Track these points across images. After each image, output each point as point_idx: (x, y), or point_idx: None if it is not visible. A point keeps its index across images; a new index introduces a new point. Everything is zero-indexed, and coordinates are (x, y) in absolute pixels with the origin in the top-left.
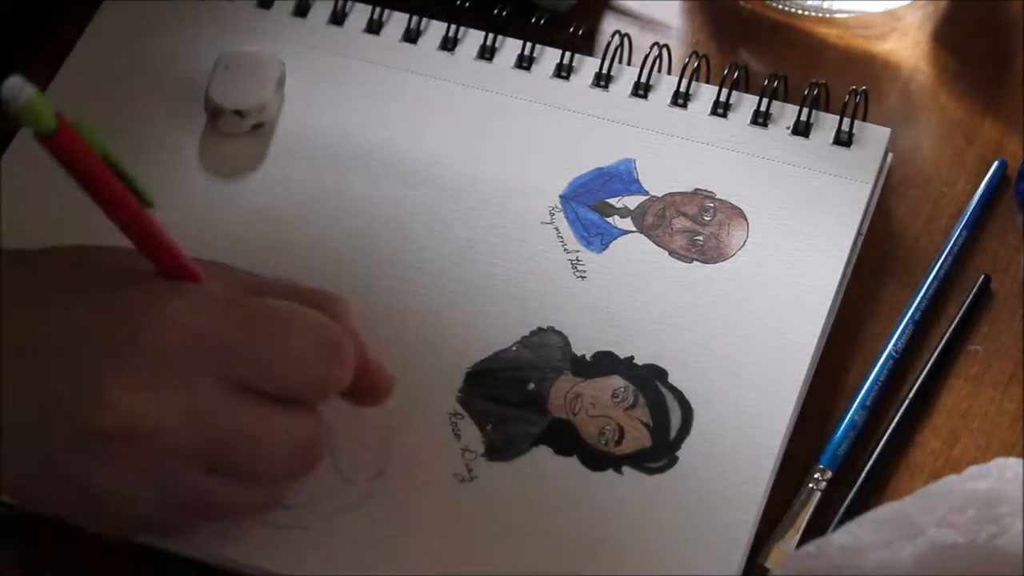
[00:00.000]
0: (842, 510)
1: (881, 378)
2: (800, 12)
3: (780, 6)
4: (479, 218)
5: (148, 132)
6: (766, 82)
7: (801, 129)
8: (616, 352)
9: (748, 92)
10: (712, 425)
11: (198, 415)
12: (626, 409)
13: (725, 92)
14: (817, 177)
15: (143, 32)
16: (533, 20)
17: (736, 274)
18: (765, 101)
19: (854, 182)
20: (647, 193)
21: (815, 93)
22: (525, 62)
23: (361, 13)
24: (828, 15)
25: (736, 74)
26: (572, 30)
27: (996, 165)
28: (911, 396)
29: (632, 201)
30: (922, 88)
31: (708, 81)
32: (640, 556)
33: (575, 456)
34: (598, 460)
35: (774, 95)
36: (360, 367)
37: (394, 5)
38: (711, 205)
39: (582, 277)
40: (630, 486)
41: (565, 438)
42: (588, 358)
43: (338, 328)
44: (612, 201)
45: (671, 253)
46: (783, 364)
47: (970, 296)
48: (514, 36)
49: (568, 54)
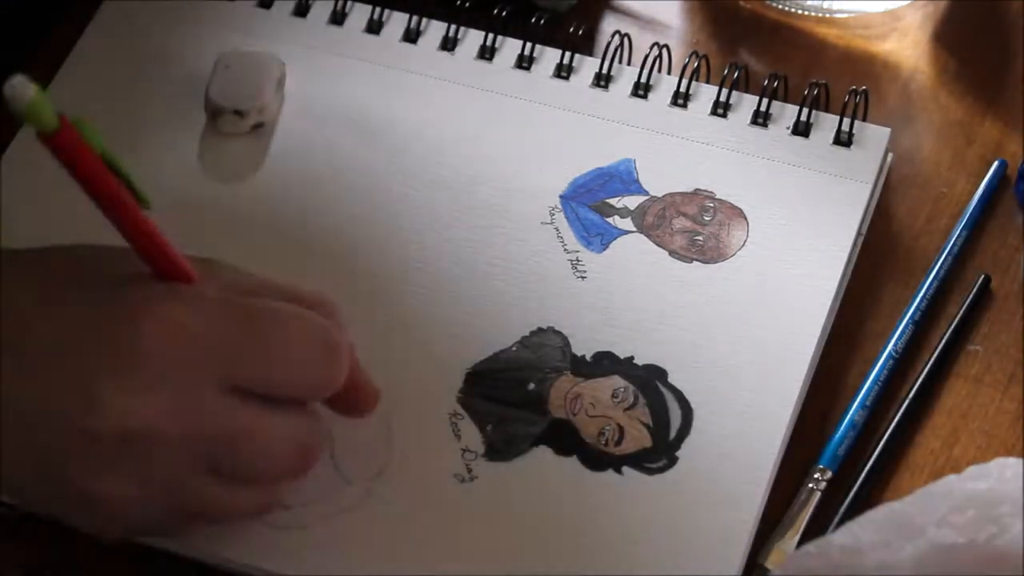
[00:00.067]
0: (842, 510)
1: (881, 378)
2: (800, 12)
3: (780, 6)
4: (479, 218)
5: (148, 132)
6: (766, 82)
7: (801, 129)
8: (616, 352)
9: (748, 92)
10: (712, 425)
11: (194, 417)
12: (626, 409)
13: (725, 92)
14: (817, 177)
15: (143, 32)
16: (533, 20)
17: (736, 274)
18: (765, 101)
19: (854, 182)
20: (647, 193)
21: (815, 93)
22: (525, 62)
23: (361, 13)
24: (828, 15)
25: (736, 74)
26: (572, 30)
27: (996, 165)
28: (911, 396)
29: (632, 201)
30: (922, 88)
31: (708, 81)
32: (640, 556)
33: (575, 456)
34: (598, 460)
35: (774, 95)
36: (348, 376)
37: (394, 5)
38: (711, 205)
39: (582, 277)
40: (630, 486)
41: (565, 438)
42: (588, 358)
43: (334, 328)
44: (612, 201)
45: (671, 253)
46: (783, 364)
47: (970, 296)
48: (514, 36)
49: (568, 54)
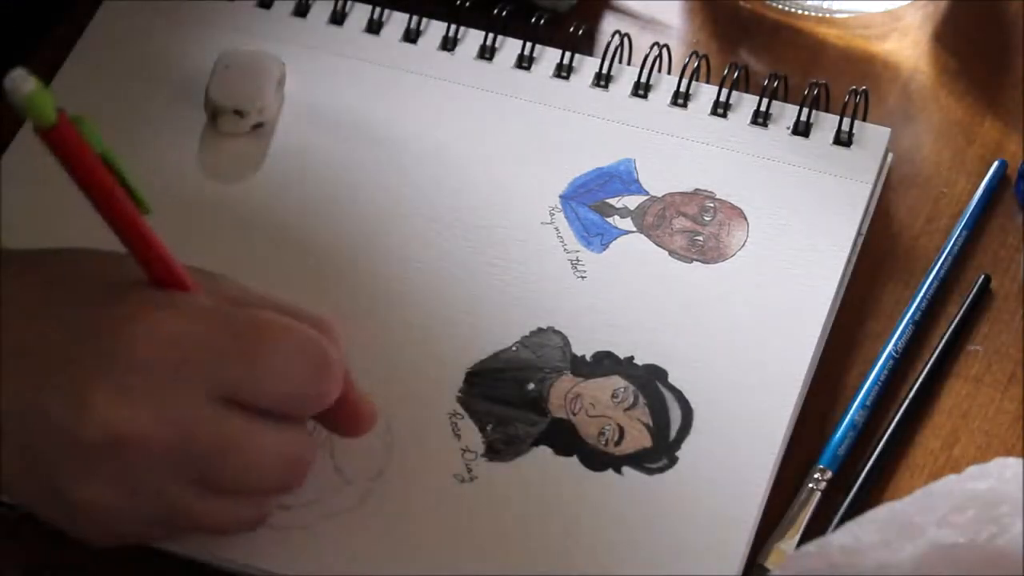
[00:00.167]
0: (842, 510)
1: (881, 378)
2: (800, 12)
3: (780, 6)
4: (479, 218)
5: (148, 132)
6: (766, 82)
7: (801, 129)
8: (616, 352)
9: (748, 92)
10: (712, 425)
11: (183, 428)
12: (626, 409)
13: (725, 92)
14: (817, 177)
15: (143, 32)
16: (533, 20)
17: (736, 274)
18: (765, 101)
19: (854, 182)
20: (647, 193)
21: (815, 93)
22: (525, 62)
23: (361, 13)
24: (828, 15)
25: (736, 74)
26: (572, 30)
27: (996, 165)
28: (911, 396)
29: (632, 201)
30: (922, 88)
31: (708, 81)
32: (640, 556)
33: (575, 456)
34: (598, 460)
35: (774, 95)
36: (343, 395)
37: (394, 5)
38: (711, 205)
39: (582, 277)
40: (630, 486)
41: (565, 438)
42: (588, 358)
43: (327, 342)
44: (612, 201)
45: (671, 253)
46: (783, 364)
47: (970, 296)
48: (514, 36)
49: (568, 54)
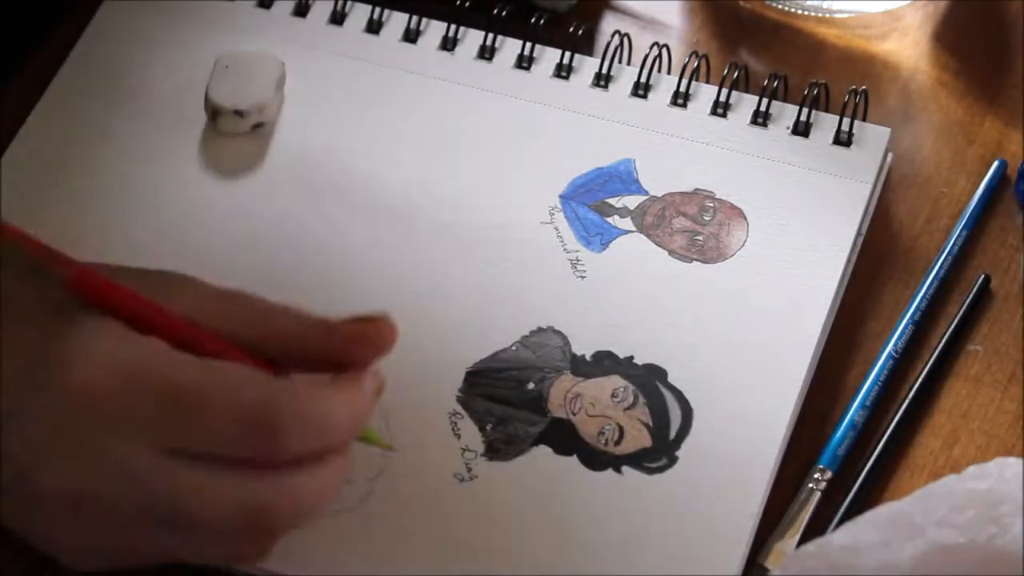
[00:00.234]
0: (842, 510)
1: (881, 378)
2: (800, 12)
3: (780, 6)
4: (479, 218)
5: (148, 132)
6: (766, 82)
7: (801, 129)
8: (616, 352)
9: (748, 92)
10: (712, 425)
11: (127, 481)
12: (626, 409)
13: (725, 92)
14: (817, 177)
15: (143, 32)
16: (533, 20)
17: (736, 274)
18: (765, 101)
19: (854, 182)
20: (647, 193)
21: (815, 93)
22: (525, 62)
23: (361, 13)
24: (828, 15)
25: (736, 74)
26: (572, 30)
27: (996, 165)
28: (911, 396)
29: (632, 201)
30: (922, 88)
31: (708, 81)
32: (640, 556)
33: (575, 456)
34: (598, 460)
35: (774, 95)
36: (333, 343)
37: (394, 5)
38: (711, 205)
39: (582, 277)
40: (630, 486)
41: (565, 438)
42: (588, 358)
43: (269, 396)
44: (612, 201)
45: (671, 253)
46: (783, 364)
47: (970, 296)
48: (514, 36)
49: (568, 54)
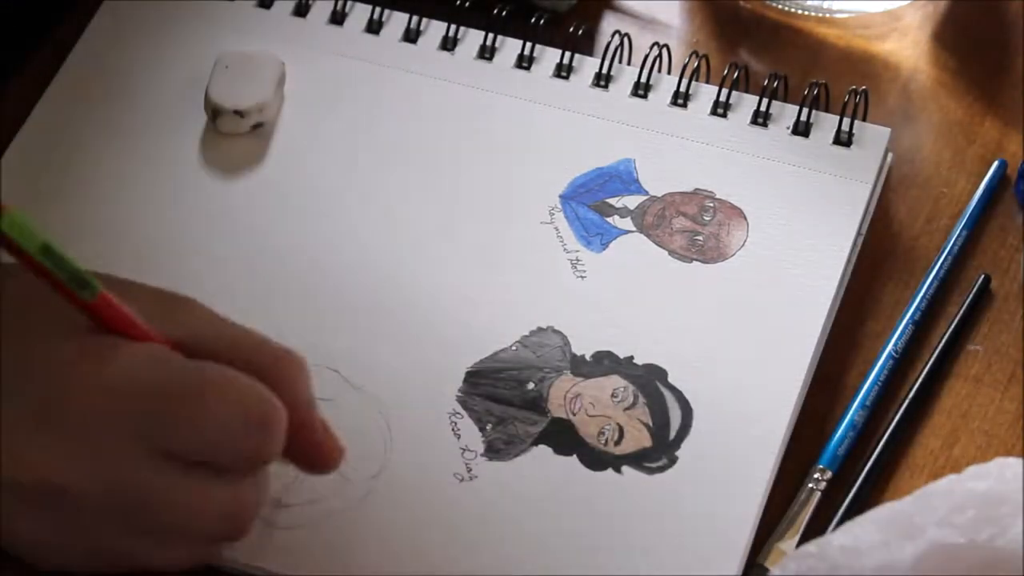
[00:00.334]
0: (842, 510)
1: (881, 378)
2: (800, 12)
3: (780, 6)
4: (479, 218)
5: (148, 132)
6: (766, 82)
7: (801, 129)
8: (616, 352)
9: (748, 92)
10: (712, 425)
11: (112, 478)
12: (626, 409)
13: (725, 92)
14: (817, 177)
15: (143, 32)
16: (533, 20)
17: (736, 274)
18: (765, 101)
19: (854, 182)
20: (647, 193)
21: (815, 93)
22: (525, 62)
23: (361, 13)
24: (828, 15)
25: (736, 74)
26: (572, 30)
27: (996, 165)
28: (911, 396)
29: (632, 201)
30: (922, 88)
31: (708, 81)
32: (640, 556)
33: (575, 456)
34: (598, 460)
35: (774, 95)
36: (304, 432)
37: (394, 5)
38: (711, 205)
39: (582, 277)
40: (630, 486)
41: (565, 438)
42: (588, 358)
43: (268, 399)
44: (612, 201)
45: (671, 253)
46: (783, 364)
47: (970, 296)
48: (514, 36)
49: (568, 54)
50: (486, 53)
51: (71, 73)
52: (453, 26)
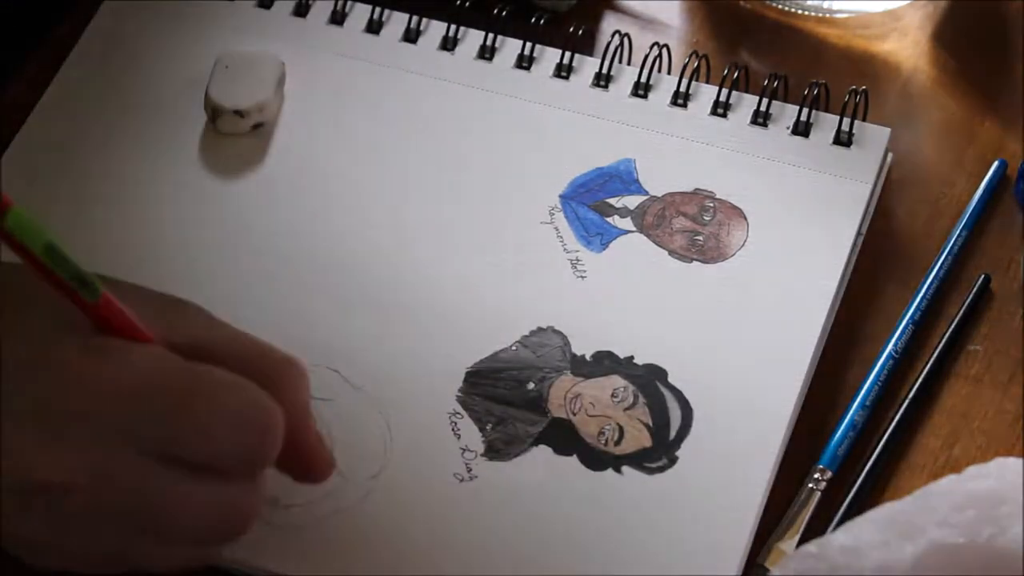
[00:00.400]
0: (842, 510)
1: (881, 378)
2: (800, 12)
3: (780, 6)
4: (479, 218)
5: (148, 132)
6: (766, 82)
7: (801, 129)
8: (616, 352)
9: (748, 92)
10: (712, 425)
11: (108, 478)
12: (626, 409)
13: (725, 92)
14: (817, 177)
15: (143, 32)
16: (533, 20)
17: (736, 274)
18: (765, 101)
19: (854, 182)
20: (647, 193)
21: (815, 93)
22: (525, 62)
23: (361, 13)
24: (828, 15)
25: (736, 74)
26: (572, 30)
27: (996, 165)
28: (911, 396)
29: (632, 201)
30: (922, 88)
31: (708, 81)
32: (640, 556)
33: (575, 456)
34: (598, 460)
35: (774, 95)
36: (297, 441)
37: (394, 5)
38: (711, 205)
39: (582, 277)
40: (630, 486)
41: (565, 438)
42: (588, 358)
43: (266, 405)
44: (612, 201)
45: (671, 253)
46: (783, 364)
47: (970, 296)
48: (514, 36)
49: (568, 54)
50: (486, 53)
51: (71, 73)
52: (453, 26)
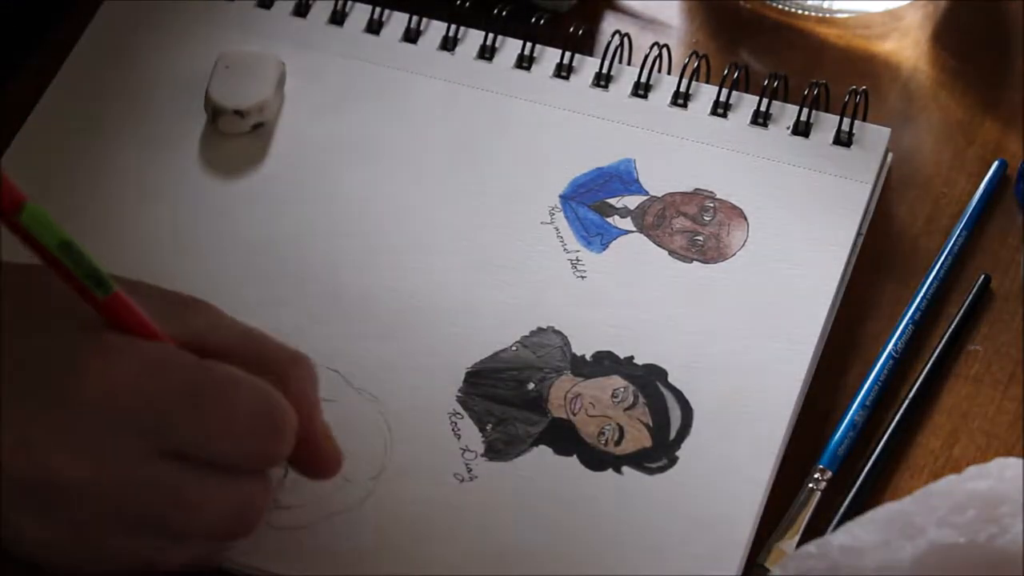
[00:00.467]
0: (842, 510)
1: (881, 378)
2: (800, 12)
3: (780, 6)
4: (479, 218)
5: (148, 132)
6: (766, 82)
7: (801, 129)
8: (616, 352)
9: (748, 92)
10: (712, 425)
11: (120, 475)
12: (626, 409)
13: (725, 92)
14: (817, 177)
15: (143, 32)
16: (533, 20)
17: (736, 274)
18: (765, 101)
19: (854, 182)
20: (647, 193)
21: (815, 93)
22: (525, 62)
23: (361, 13)
24: (828, 15)
25: (736, 74)
26: (572, 30)
27: (996, 165)
28: (911, 396)
29: (632, 201)
30: (922, 88)
31: (708, 81)
32: (640, 556)
33: (575, 456)
34: (598, 460)
35: (774, 95)
36: (307, 438)
37: (394, 5)
38: (711, 205)
39: (582, 277)
40: (630, 486)
41: (565, 438)
42: (588, 358)
43: (279, 402)
44: (612, 201)
45: (671, 253)
46: (783, 364)
47: (970, 296)
48: (514, 36)
49: (568, 54)
50: (486, 53)
51: (71, 73)
52: (453, 26)
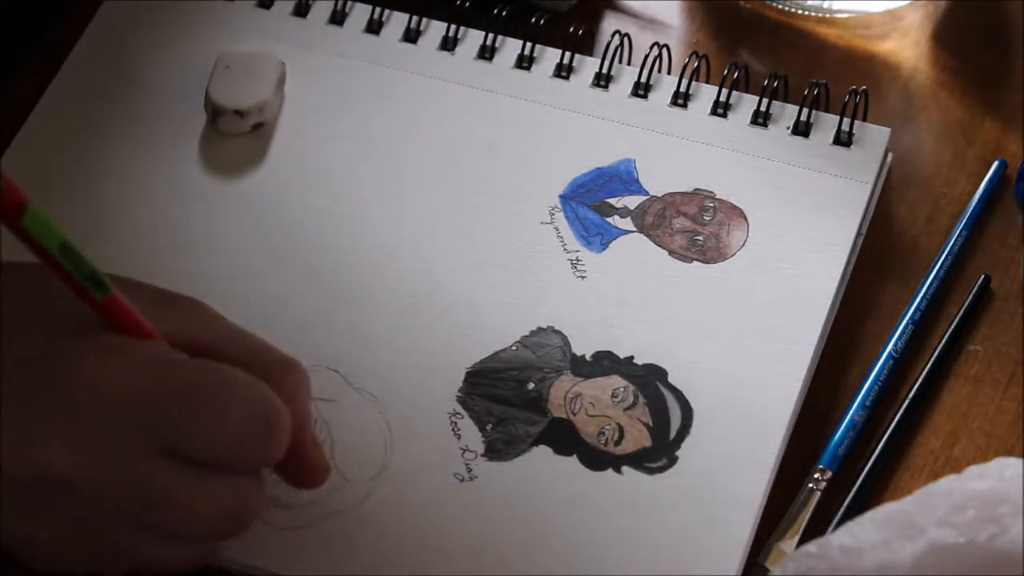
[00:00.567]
0: (842, 510)
1: (881, 378)
2: (800, 12)
3: (780, 6)
4: (479, 218)
5: (148, 132)
6: (766, 82)
7: (801, 129)
8: (616, 352)
9: (748, 92)
10: (712, 425)
11: (117, 475)
12: (626, 409)
13: (725, 92)
14: (817, 177)
15: (143, 32)
16: (533, 20)
17: (736, 274)
18: (765, 101)
19: (854, 182)
20: (647, 193)
21: (815, 93)
22: (525, 62)
23: (361, 13)
24: (828, 15)
25: (736, 74)
26: (572, 30)
27: (996, 165)
28: (911, 396)
29: (632, 201)
30: (922, 88)
31: (708, 81)
32: (640, 556)
33: (575, 456)
34: (598, 460)
35: (774, 95)
36: (296, 444)
37: (394, 5)
38: (711, 205)
39: (582, 277)
40: (630, 486)
41: (565, 438)
42: (588, 358)
43: (275, 402)
44: (612, 201)
45: (671, 253)
46: (783, 364)
47: (970, 296)
48: (514, 36)
49: (568, 54)
50: (486, 53)
51: (71, 73)
52: (453, 26)
